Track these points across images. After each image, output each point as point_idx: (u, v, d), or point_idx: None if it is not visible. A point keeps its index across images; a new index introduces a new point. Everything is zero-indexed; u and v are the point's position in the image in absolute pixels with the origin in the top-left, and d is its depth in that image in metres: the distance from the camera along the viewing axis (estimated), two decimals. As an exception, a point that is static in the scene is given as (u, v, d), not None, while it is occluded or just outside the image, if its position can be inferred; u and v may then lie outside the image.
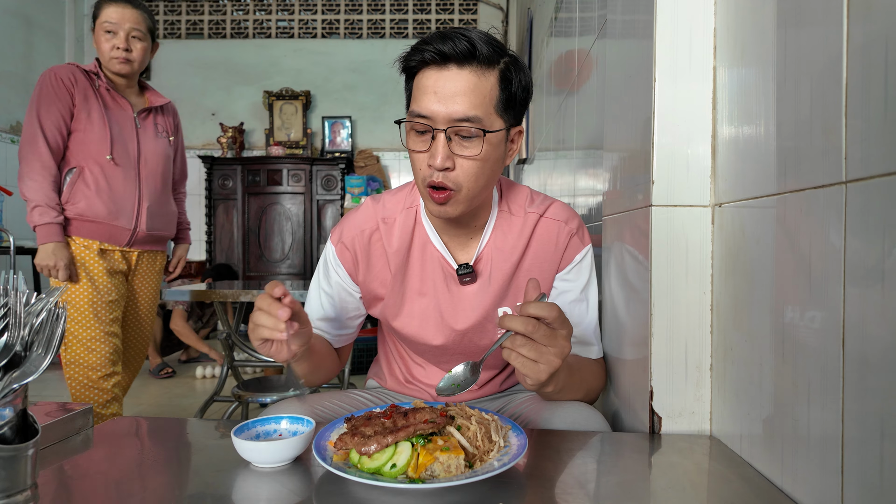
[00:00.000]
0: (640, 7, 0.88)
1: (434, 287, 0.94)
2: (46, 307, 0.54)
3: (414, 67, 0.83)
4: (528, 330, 0.70)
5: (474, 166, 0.81)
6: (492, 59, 0.80)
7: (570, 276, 0.97)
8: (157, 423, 0.88)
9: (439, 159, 0.79)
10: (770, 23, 0.65)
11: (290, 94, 5.07)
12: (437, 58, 0.79)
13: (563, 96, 1.88)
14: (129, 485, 0.64)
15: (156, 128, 1.96)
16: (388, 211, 0.96)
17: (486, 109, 0.80)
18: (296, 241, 4.73)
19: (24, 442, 0.51)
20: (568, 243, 0.95)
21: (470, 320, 0.95)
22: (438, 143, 0.79)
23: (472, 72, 0.79)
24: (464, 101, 0.78)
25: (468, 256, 0.95)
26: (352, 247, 0.95)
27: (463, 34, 0.78)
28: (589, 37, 1.41)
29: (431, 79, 0.80)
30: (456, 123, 0.79)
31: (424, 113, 0.80)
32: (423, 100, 0.80)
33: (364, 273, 0.96)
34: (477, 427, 0.67)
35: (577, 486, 0.64)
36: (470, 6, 5.16)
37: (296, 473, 0.66)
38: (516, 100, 0.84)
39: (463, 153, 0.81)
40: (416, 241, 0.95)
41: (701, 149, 0.81)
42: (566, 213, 0.97)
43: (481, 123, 0.80)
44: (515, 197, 0.97)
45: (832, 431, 0.52)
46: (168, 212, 2.00)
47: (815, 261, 0.55)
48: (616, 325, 0.99)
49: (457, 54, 0.78)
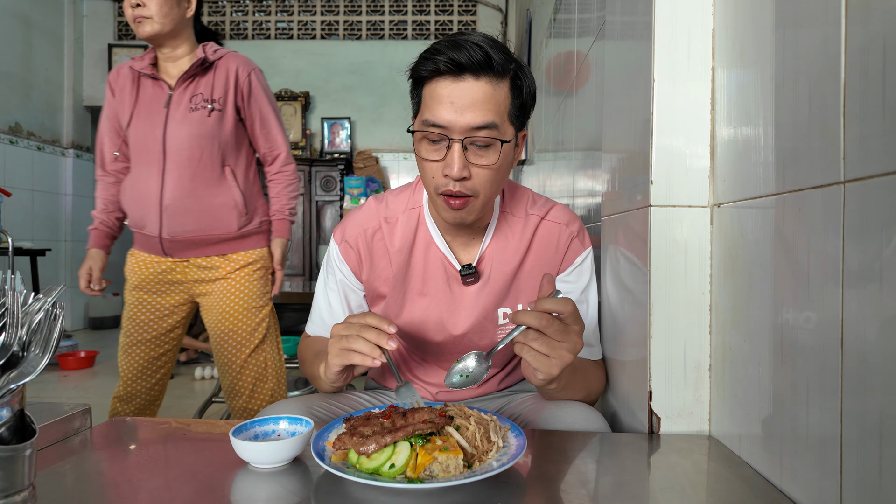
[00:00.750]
0: (639, 8, 0.88)
1: (436, 287, 0.95)
2: (44, 307, 0.54)
3: (424, 76, 0.82)
4: (541, 325, 0.70)
5: (490, 174, 0.82)
6: (505, 67, 0.80)
7: (571, 277, 0.97)
8: (155, 424, 0.88)
9: (456, 169, 0.79)
10: (769, 23, 0.65)
11: (290, 94, 5.07)
12: (453, 68, 0.78)
13: (561, 97, 1.88)
14: (127, 485, 0.64)
15: (191, 101, 1.56)
16: (390, 211, 0.96)
17: (501, 118, 0.80)
18: (295, 242, 4.73)
19: (22, 442, 0.51)
20: (569, 246, 0.96)
21: (470, 320, 0.95)
22: (455, 152, 0.79)
23: (488, 82, 0.79)
24: (481, 112, 0.78)
25: (470, 257, 0.95)
26: (355, 245, 0.96)
27: (476, 43, 0.77)
28: (588, 38, 1.42)
29: (447, 88, 0.79)
30: (472, 133, 0.79)
31: (440, 122, 0.79)
32: (438, 109, 0.79)
33: (368, 271, 0.97)
34: (476, 427, 0.67)
35: (576, 486, 0.64)
36: (469, 7, 5.17)
37: (294, 474, 0.66)
38: (526, 106, 0.85)
39: (479, 162, 0.81)
40: (420, 241, 0.95)
41: (699, 149, 0.81)
42: (567, 215, 0.98)
43: (497, 133, 0.80)
44: (517, 199, 0.98)
45: (831, 431, 0.52)
46: (206, 206, 1.58)
47: (814, 261, 0.55)
48: (615, 326, 0.99)
49: (473, 64, 0.77)
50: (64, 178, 5.06)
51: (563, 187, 1.80)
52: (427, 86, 0.82)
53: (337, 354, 0.77)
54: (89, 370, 3.64)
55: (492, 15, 5.15)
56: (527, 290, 0.96)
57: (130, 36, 5.26)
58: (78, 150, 5.16)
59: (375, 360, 0.73)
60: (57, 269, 4.95)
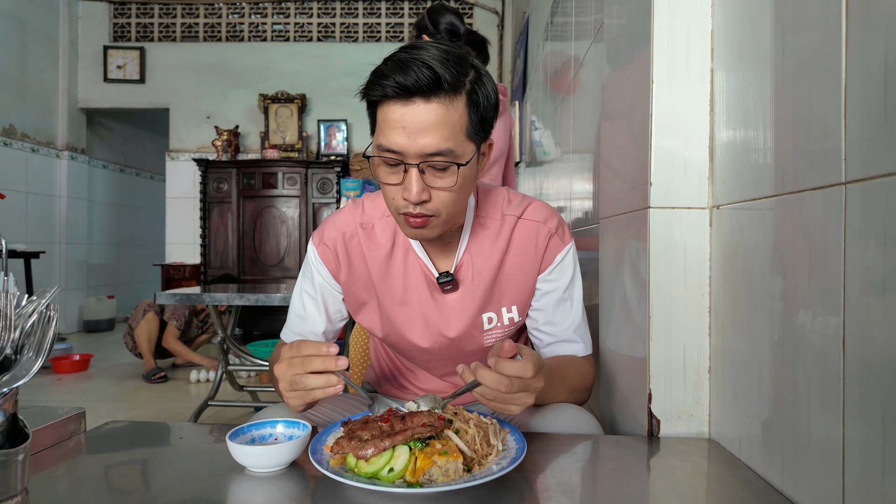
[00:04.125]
0: (637, 10, 0.88)
1: (418, 295, 0.93)
2: (38, 310, 0.53)
3: (375, 99, 0.78)
4: (500, 389, 0.68)
5: (450, 195, 0.79)
6: (457, 84, 0.75)
7: (553, 276, 0.95)
8: (150, 428, 0.87)
9: (414, 194, 0.76)
10: (768, 25, 0.65)
11: (286, 97, 5.06)
12: (400, 91, 0.74)
13: (559, 100, 1.88)
14: (122, 491, 0.63)
15: None
16: (366, 216, 0.95)
17: (457, 139, 0.77)
18: (291, 245, 4.71)
19: (14, 447, 0.50)
20: (548, 244, 0.93)
21: (456, 329, 0.93)
22: (411, 177, 0.76)
23: (440, 103, 0.74)
24: (434, 136, 0.75)
25: (448, 264, 0.93)
26: (333, 246, 0.94)
27: (423, 62, 0.73)
28: (585, 41, 1.42)
29: (397, 113, 0.75)
30: (428, 158, 0.76)
31: (394, 148, 0.76)
32: (390, 134, 0.76)
33: (346, 273, 0.95)
34: (475, 431, 0.67)
35: (577, 489, 0.64)
36: (465, 10, 5.18)
37: (292, 478, 0.65)
38: (486, 118, 0.81)
39: (437, 184, 0.78)
40: (398, 248, 0.93)
41: (698, 151, 0.81)
42: (545, 212, 0.95)
43: (453, 156, 0.76)
44: (492, 201, 0.95)
45: (833, 434, 0.52)
46: None
47: (815, 262, 0.55)
48: (614, 328, 0.99)
49: (422, 87, 0.73)
50: (58, 180, 5.04)
51: (561, 189, 1.80)
52: (379, 108, 0.78)
53: (296, 397, 0.73)
54: (83, 373, 3.62)
55: (488, 18, 5.16)
56: (509, 292, 0.94)
57: (126, 38, 5.24)
58: (72, 152, 5.13)
59: (337, 387, 0.71)
60: (51, 272, 4.92)
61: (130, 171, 6.28)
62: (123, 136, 6.15)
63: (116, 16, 5.26)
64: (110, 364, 3.89)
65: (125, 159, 6.19)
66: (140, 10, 5.24)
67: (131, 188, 6.29)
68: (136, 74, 5.14)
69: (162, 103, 5.19)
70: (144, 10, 5.24)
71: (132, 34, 5.24)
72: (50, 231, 4.93)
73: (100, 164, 5.70)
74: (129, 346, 3.52)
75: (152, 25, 5.24)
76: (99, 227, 5.63)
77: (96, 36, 5.21)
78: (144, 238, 6.44)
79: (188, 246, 5.18)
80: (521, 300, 0.94)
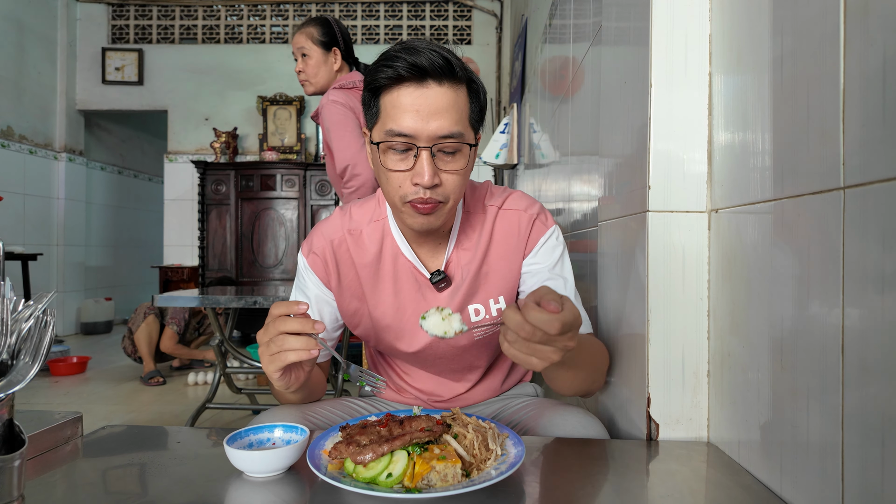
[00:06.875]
0: (636, 13, 0.88)
1: (409, 297, 0.94)
2: (34, 314, 0.53)
3: (382, 85, 0.80)
4: (520, 333, 0.63)
5: (459, 179, 0.82)
6: (462, 72, 0.80)
7: (538, 258, 0.95)
8: (147, 432, 0.86)
9: (427, 177, 0.78)
10: (766, 28, 0.65)
11: (284, 99, 5.06)
12: (415, 73, 0.77)
13: (557, 102, 1.88)
14: (119, 495, 0.63)
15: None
16: (354, 223, 0.95)
17: (464, 124, 0.80)
18: (289, 247, 4.71)
19: (10, 453, 0.50)
20: (531, 229, 0.94)
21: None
22: (423, 160, 0.78)
23: (451, 87, 0.78)
24: (447, 119, 0.78)
25: (438, 263, 0.94)
26: (322, 254, 0.95)
27: (433, 48, 0.77)
28: (583, 43, 1.42)
29: (410, 96, 0.77)
30: (441, 140, 0.78)
31: (406, 132, 0.78)
32: (402, 118, 0.78)
33: (336, 281, 0.95)
34: (474, 435, 0.66)
35: (575, 494, 0.64)
36: (464, 13, 5.18)
37: (290, 483, 0.65)
38: (483, 111, 0.85)
39: (448, 168, 0.80)
40: (387, 253, 0.94)
41: (697, 154, 0.81)
42: (525, 201, 0.96)
43: (463, 138, 0.80)
44: (477, 196, 0.97)
45: (832, 437, 0.52)
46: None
47: (814, 266, 0.55)
48: (613, 332, 0.99)
49: (436, 69, 0.77)
50: (56, 181, 5.03)
51: (560, 192, 1.80)
52: (387, 94, 0.80)
53: (270, 361, 0.73)
54: (81, 376, 3.60)
55: (487, 20, 5.17)
56: (496, 282, 0.94)
57: (124, 40, 5.24)
58: (70, 154, 5.12)
59: (312, 350, 0.71)
60: (48, 274, 4.91)
61: (128, 172, 6.27)
62: (121, 138, 6.14)
63: (115, 18, 5.25)
64: (108, 366, 3.87)
65: (123, 161, 6.18)
66: (138, 11, 5.23)
67: (129, 190, 6.28)
68: (135, 76, 5.14)
69: (160, 105, 5.18)
70: (143, 11, 5.24)
71: (130, 36, 5.23)
72: (48, 233, 4.92)
73: (98, 166, 5.69)
74: (128, 350, 3.50)
75: (150, 27, 5.24)
76: (97, 229, 5.62)
77: (94, 38, 5.21)
78: (142, 240, 6.43)
79: (186, 248, 5.17)
80: (507, 289, 0.95)
